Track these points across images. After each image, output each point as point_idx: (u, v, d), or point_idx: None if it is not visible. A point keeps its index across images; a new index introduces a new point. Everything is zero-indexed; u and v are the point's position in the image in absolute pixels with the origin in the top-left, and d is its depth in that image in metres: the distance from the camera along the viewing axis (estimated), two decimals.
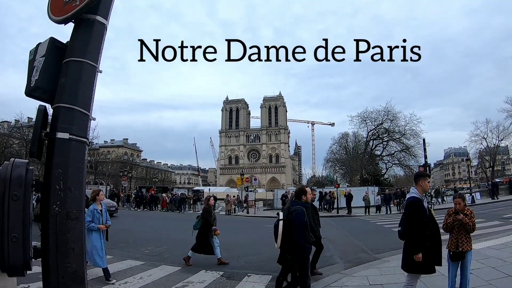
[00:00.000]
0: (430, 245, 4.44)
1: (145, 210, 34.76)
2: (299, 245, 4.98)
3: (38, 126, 2.31)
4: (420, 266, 4.45)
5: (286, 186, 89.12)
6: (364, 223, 19.87)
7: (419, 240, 4.43)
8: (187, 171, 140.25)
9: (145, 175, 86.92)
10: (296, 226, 5.01)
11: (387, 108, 50.42)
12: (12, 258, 2.04)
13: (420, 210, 4.50)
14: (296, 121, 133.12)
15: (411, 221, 4.55)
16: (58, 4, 2.55)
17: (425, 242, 4.41)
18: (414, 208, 4.55)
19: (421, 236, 4.43)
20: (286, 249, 5.17)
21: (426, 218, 4.49)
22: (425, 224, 4.46)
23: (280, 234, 5.10)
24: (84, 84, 2.37)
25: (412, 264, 4.48)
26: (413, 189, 4.73)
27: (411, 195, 4.69)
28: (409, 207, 4.68)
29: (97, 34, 2.47)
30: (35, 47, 2.56)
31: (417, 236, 4.45)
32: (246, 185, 36.53)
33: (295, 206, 5.22)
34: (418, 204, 4.53)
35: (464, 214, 5.01)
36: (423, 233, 4.43)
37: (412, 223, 4.53)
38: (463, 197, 5.37)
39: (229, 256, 9.82)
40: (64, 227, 2.16)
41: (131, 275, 7.45)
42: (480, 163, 55.82)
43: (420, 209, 4.51)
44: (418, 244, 4.42)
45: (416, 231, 4.47)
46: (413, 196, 4.63)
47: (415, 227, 4.47)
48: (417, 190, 4.65)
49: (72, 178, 2.22)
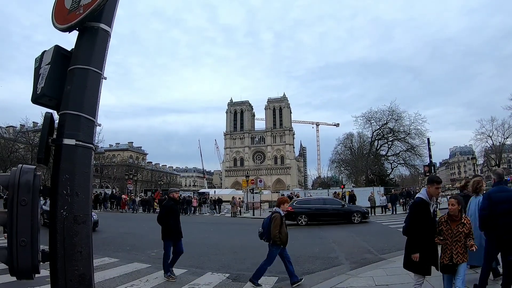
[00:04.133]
0: (428, 247, 4.44)
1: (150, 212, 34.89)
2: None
3: (45, 132, 2.35)
4: (416, 266, 4.47)
5: (292, 188, 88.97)
6: (370, 223, 19.82)
7: (418, 240, 4.45)
8: (192, 173, 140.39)
9: (150, 178, 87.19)
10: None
11: (391, 107, 50.28)
12: (21, 262, 2.08)
13: (423, 212, 4.49)
14: (300, 122, 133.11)
15: (413, 221, 4.58)
16: (62, 12, 2.59)
17: (423, 243, 4.42)
18: (418, 209, 4.56)
19: (420, 236, 4.44)
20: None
21: (428, 221, 4.50)
22: (426, 226, 4.46)
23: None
24: (89, 91, 2.41)
25: (410, 263, 4.52)
26: (423, 190, 4.69)
27: (419, 195, 4.69)
28: (413, 207, 4.69)
29: (101, 42, 2.51)
30: (40, 55, 2.60)
31: (416, 236, 4.47)
32: (252, 187, 36.51)
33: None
34: (422, 205, 4.53)
35: (461, 223, 4.52)
36: (422, 234, 4.43)
37: (414, 223, 4.55)
38: (458, 199, 4.75)
39: (235, 258, 9.86)
40: (71, 231, 2.20)
41: (137, 277, 7.50)
42: (486, 162, 55.29)
43: (424, 211, 4.50)
44: (416, 244, 4.45)
45: (416, 231, 4.49)
46: (420, 197, 4.62)
47: (416, 227, 4.49)
48: (426, 193, 4.59)
49: (79, 183, 2.26)
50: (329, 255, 10.06)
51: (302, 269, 8.25)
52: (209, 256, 10.39)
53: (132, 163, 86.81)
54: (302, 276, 7.11)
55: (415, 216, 4.58)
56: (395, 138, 51.70)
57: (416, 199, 4.70)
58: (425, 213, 4.49)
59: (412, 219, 4.62)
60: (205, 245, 12.76)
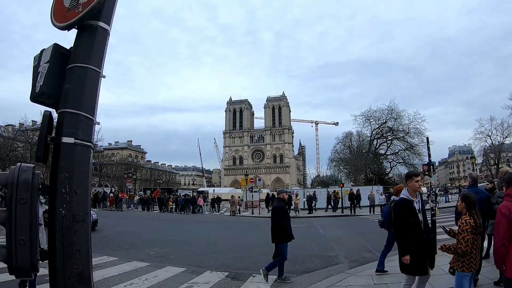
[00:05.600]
0: (418, 247, 4.30)
1: (151, 211, 34.93)
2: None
3: (43, 131, 2.35)
4: (409, 267, 4.37)
5: (291, 186, 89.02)
6: (369, 222, 19.83)
7: (406, 242, 4.34)
8: (191, 172, 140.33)
9: (149, 177, 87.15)
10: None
11: (390, 106, 50.24)
12: (20, 260, 2.08)
13: (407, 212, 4.39)
14: (300, 121, 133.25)
15: (398, 222, 4.53)
16: (61, 11, 2.58)
17: (412, 244, 4.29)
18: (401, 209, 4.49)
19: (408, 238, 4.33)
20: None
21: (414, 219, 4.36)
22: (413, 225, 4.33)
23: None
24: (88, 89, 2.40)
25: (402, 265, 4.42)
26: (404, 190, 4.63)
27: (401, 196, 4.61)
28: (395, 209, 4.63)
29: (100, 40, 2.50)
30: (39, 53, 2.59)
31: (404, 238, 4.38)
32: (251, 185, 36.50)
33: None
34: (404, 205, 4.43)
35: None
36: (410, 235, 4.32)
37: (399, 224, 4.50)
38: (463, 195, 4.36)
39: (234, 256, 9.87)
40: (70, 230, 2.20)
41: (136, 276, 7.50)
42: (485, 161, 55.34)
43: (407, 210, 4.39)
44: (405, 246, 4.35)
45: (402, 233, 4.41)
46: (401, 197, 4.56)
47: (402, 229, 4.43)
48: (407, 192, 4.53)
49: (77, 181, 2.25)
50: (328, 254, 10.08)
51: (301, 268, 8.27)
52: (208, 254, 10.40)
53: (131, 161, 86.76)
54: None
55: (399, 217, 4.50)
56: (394, 137, 51.69)
57: (396, 200, 4.66)
58: (409, 212, 4.39)
59: (397, 221, 4.57)
60: (204, 243, 12.79)
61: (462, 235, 3.98)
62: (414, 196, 4.51)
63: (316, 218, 24.77)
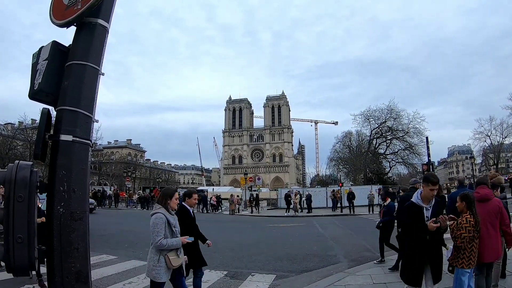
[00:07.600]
0: (418, 256, 3.92)
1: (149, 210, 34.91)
2: None
3: (42, 128, 2.34)
4: (404, 274, 4.07)
5: (290, 185, 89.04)
6: (369, 221, 19.83)
7: (408, 242, 4.11)
8: (190, 171, 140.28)
9: (149, 176, 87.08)
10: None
11: (390, 106, 50.35)
12: (18, 259, 2.07)
13: (413, 218, 3.95)
14: (299, 120, 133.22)
15: (406, 232, 4.47)
16: (60, 8, 2.57)
17: (412, 249, 3.97)
18: (408, 214, 4.07)
19: (410, 239, 4.04)
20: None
21: (418, 226, 3.86)
22: (416, 231, 3.91)
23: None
24: (87, 86, 2.39)
25: (401, 271, 4.22)
26: (416, 193, 4.06)
27: (412, 199, 4.04)
28: (403, 210, 4.45)
29: (99, 37, 2.50)
30: (38, 51, 2.57)
31: (412, 244, 4.03)
32: (250, 184, 36.48)
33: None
34: (411, 212, 3.99)
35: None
36: (412, 239, 4.00)
37: (407, 232, 4.33)
38: (462, 195, 4.38)
39: (233, 255, 9.85)
40: (68, 228, 2.19)
41: (135, 275, 7.48)
42: (484, 161, 55.49)
43: (414, 217, 3.95)
44: (409, 246, 4.12)
45: (406, 234, 4.28)
46: (411, 201, 4.03)
47: (406, 231, 4.35)
48: (419, 196, 3.97)
49: (75, 179, 2.24)
50: (327, 253, 10.06)
51: (300, 267, 8.26)
52: (207, 253, 10.34)
53: (130, 160, 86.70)
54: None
55: (405, 220, 4.27)
56: (393, 136, 51.77)
57: (408, 202, 4.09)
58: (415, 219, 3.92)
59: (406, 229, 4.38)
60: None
61: (460, 232, 4.10)
62: (425, 202, 3.93)
63: (315, 218, 24.77)
